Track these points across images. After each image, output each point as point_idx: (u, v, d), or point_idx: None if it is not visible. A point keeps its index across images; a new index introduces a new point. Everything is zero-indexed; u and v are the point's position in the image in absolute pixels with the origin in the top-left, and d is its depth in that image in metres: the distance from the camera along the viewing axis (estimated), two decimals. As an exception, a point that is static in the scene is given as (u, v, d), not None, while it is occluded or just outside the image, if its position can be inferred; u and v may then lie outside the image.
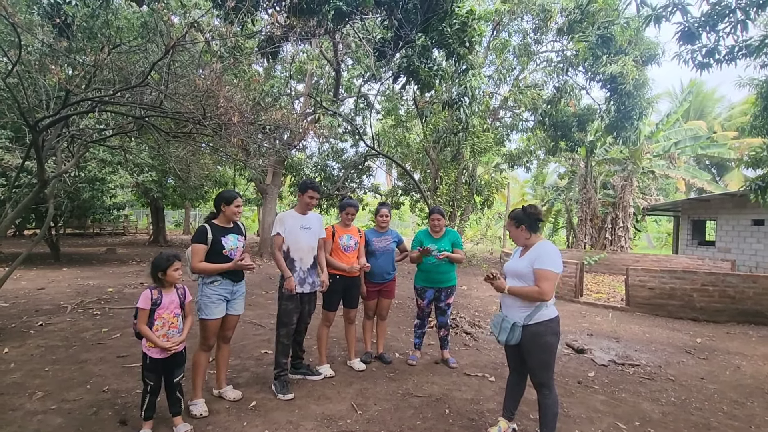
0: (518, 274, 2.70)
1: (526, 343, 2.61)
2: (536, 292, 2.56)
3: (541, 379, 2.65)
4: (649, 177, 17.39)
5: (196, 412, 3.01)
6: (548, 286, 2.55)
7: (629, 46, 10.38)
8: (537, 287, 2.57)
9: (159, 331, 2.70)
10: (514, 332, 2.62)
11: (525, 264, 2.66)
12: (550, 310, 2.63)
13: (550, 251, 2.63)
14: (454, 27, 5.89)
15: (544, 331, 2.59)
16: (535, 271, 2.59)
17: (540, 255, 2.62)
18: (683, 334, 6.08)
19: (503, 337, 2.66)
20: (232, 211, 3.14)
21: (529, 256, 2.68)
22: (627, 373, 4.36)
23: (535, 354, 2.62)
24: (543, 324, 2.60)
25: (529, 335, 2.60)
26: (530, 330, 2.59)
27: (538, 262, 2.59)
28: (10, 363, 3.89)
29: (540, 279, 2.56)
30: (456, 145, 10.83)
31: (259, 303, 6.91)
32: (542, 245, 2.68)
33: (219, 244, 3.07)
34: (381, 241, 4.17)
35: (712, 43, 5.51)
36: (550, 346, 2.61)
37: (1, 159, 7.64)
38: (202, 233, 3.06)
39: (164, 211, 19.66)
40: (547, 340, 2.60)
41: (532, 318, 2.60)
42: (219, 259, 3.07)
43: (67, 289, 7.59)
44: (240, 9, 5.02)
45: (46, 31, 5.00)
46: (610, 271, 12.88)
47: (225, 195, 3.17)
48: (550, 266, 2.57)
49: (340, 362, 4.20)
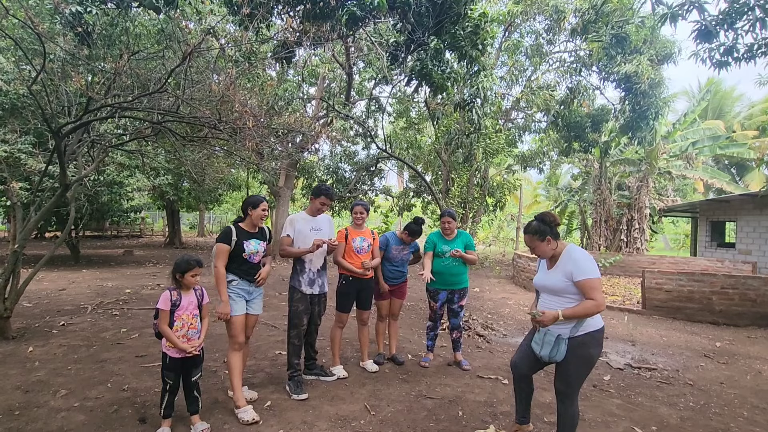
0: (554, 290, 2.49)
1: (568, 354, 2.40)
2: (594, 306, 2.33)
3: (569, 391, 2.47)
4: (665, 178, 17.07)
5: (246, 418, 2.97)
6: (600, 295, 2.36)
7: (644, 45, 10.23)
8: (592, 300, 2.34)
9: (179, 332, 2.76)
10: (560, 346, 2.40)
11: (560, 278, 2.45)
12: (597, 320, 2.44)
13: (584, 258, 2.43)
14: (466, 30, 5.90)
15: (590, 343, 2.41)
16: (580, 284, 2.37)
17: (577, 265, 2.40)
18: (702, 337, 5.96)
19: (546, 352, 2.44)
20: (258, 214, 3.22)
21: (561, 268, 2.46)
22: (643, 376, 4.29)
23: (575, 366, 2.42)
24: (590, 335, 2.40)
25: (574, 346, 2.39)
26: (576, 341, 2.39)
27: (578, 274, 2.38)
28: (34, 361, 4.01)
29: (590, 290, 2.35)
30: (468, 147, 10.81)
31: (273, 305, 6.99)
32: (573, 252, 2.47)
33: (240, 247, 3.16)
34: (401, 251, 4.23)
35: (730, 41, 5.40)
36: (591, 358, 2.43)
37: (25, 164, 7.89)
38: (227, 234, 3.15)
39: (179, 213, 20.01)
40: (591, 352, 2.42)
41: (579, 329, 2.39)
42: (239, 261, 3.17)
43: (87, 290, 7.78)
44: (255, 15, 5.11)
45: (68, 39, 5.17)
46: (625, 274, 12.68)
47: (251, 200, 3.26)
48: (593, 273, 2.37)
49: (353, 363, 4.23)
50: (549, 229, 2.52)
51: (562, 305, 2.43)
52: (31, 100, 6.55)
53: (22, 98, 8.13)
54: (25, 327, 5.14)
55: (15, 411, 3.03)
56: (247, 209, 3.25)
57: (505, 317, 6.84)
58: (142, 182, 11.77)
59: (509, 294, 9.18)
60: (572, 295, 2.42)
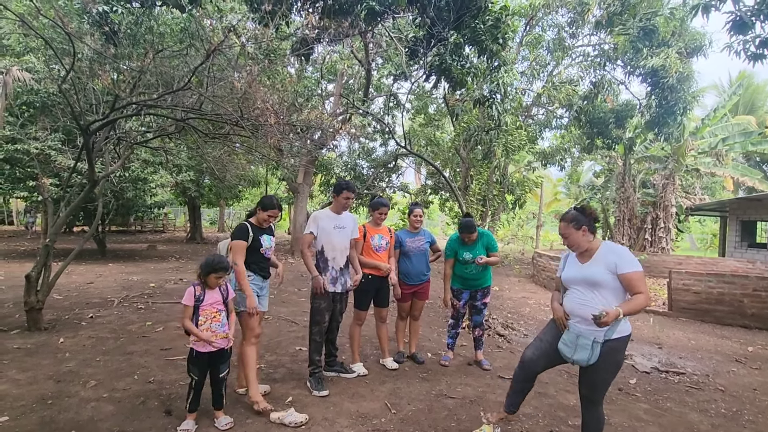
0: (593, 283, 2.37)
1: (599, 359, 2.32)
2: (645, 299, 2.27)
3: (594, 396, 2.43)
4: (693, 175, 16.51)
5: (297, 420, 2.93)
6: (647, 288, 2.32)
7: (673, 38, 9.90)
8: (641, 293, 2.27)
9: (202, 326, 2.80)
10: (595, 350, 2.30)
11: (601, 270, 2.36)
12: (628, 325, 2.37)
13: (626, 251, 2.39)
14: (487, 24, 5.79)
15: (621, 348, 2.36)
16: (627, 276, 2.30)
17: (621, 257, 2.34)
18: (733, 341, 5.74)
19: (582, 356, 2.32)
20: (263, 217, 3.26)
21: (603, 260, 2.38)
22: (671, 381, 4.16)
23: (604, 371, 2.36)
24: (621, 340, 2.35)
25: (607, 351, 2.31)
26: (610, 345, 2.31)
27: (623, 266, 2.32)
28: (65, 352, 4.15)
29: (637, 283, 2.28)
30: (488, 144, 10.66)
31: (292, 300, 7.05)
32: (613, 246, 2.44)
33: (258, 242, 3.21)
34: (414, 241, 4.16)
35: (766, 33, 5.17)
36: (619, 363, 2.40)
37: (55, 160, 8.15)
38: (244, 231, 3.17)
39: (200, 209, 20.40)
40: (619, 357, 2.38)
41: (614, 332, 2.29)
42: (256, 256, 3.21)
43: (113, 283, 8.01)
44: (275, 12, 5.13)
45: (95, 38, 5.29)
46: (650, 274, 12.33)
47: (264, 201, 3.29)
48: (638, 266, 2.32)
49: (373, 361, 4.23)
50: (586, 219, 2.45)
51: (594, 301, 2.34)
52: (60, 99, 6.74)
53: (52, 96, 8.38)
54: (56, 319, 5.32)
55: (48, 400, 3.13)
56: (257, 207, 3.31)
57: (525, 317, 6.74)
58: (165, 179, 12.04)
59: (529, 293, 9.04)
60: (613, 290, 2.34)
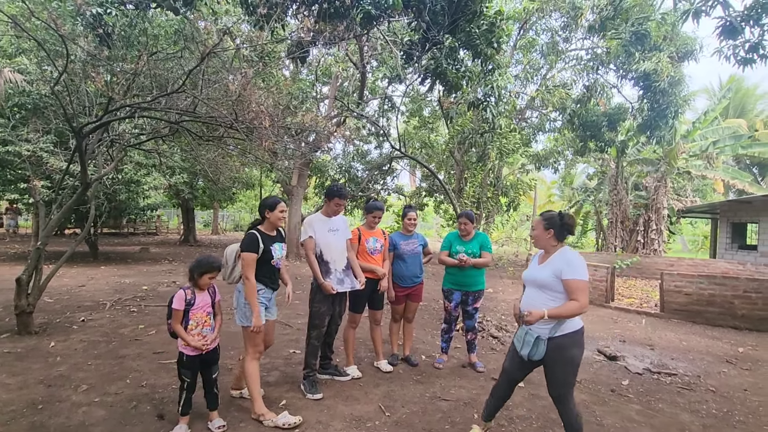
0: (541, 284, 2.53)
1: (549, 357, 2.47)
2: (578, 307, 2.39)
3: (560, 393, 2.52)
4: (684, 178, 16.70)
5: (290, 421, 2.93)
6: (586, 298, 2.41)
7: (664, 42, 10.00)
8: (576, 301, 2.40)
9: (193, 330, 2.79)
10: (538, 346, 2.46)
11: (548, 273, 2.51)
12: (575, 321, 2.49)
13: (577, 259, 2.48)
14: (481, 28, 5.83)
15: (570, 344, 2.46)
16: (568, 283, 2.43)
17: (569, 264, 2.46)
18: (723, 342, 5.80)
19: (526, 351, 2.51)
20: (277, 216, 3.07)
21: (552, 264, 2.52)
22: (663, 382, 4.20)
23: (559, 368, 2.48)
24: (569, 336, 2.45)
25: (553, 348, 2.45)
26: (555, 342, 2.45)
27: (568, 272, 2.43)
28: (56, 356, 4.10)
29: (576, 291, 2.40)
30: (482, 146, 10.72)
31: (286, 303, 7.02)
32: (567, 253, 2.54)
33: (269, 253, 3.03)
34: (408, 244, 4.18)
35: (755, 38, 5.25)
36: (574, 359, 2.47)
37: (47, 162, 8.07)
38: (254, 241, 2.97)
39: (194, 211, 20.29)
40: (573, 353, 2.46)
41: (558, 330, 2.44)
42: (267, 268, 3.07)
43: (106, 286, 7.94)
44: (270, 15, 5.13)
45: (88, 40, 5.26)
46: (642, 275, 12.43)
47: (268, 201, 3.11)
48: (582, 275, 2.43)
49: (367, 363, 4.23)
50: (559, 226, 2.57)
51: (544, 302, 2.49)
52: (53, 100, 6.68)
53: (45, 98, 8.31)
54: (46, 322, 5.27)
55: (38, 405, 3.10)
56: (264, 212, 3.09)
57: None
58: (159, 181, 11.95)
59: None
60: (556, 293, 2.48)
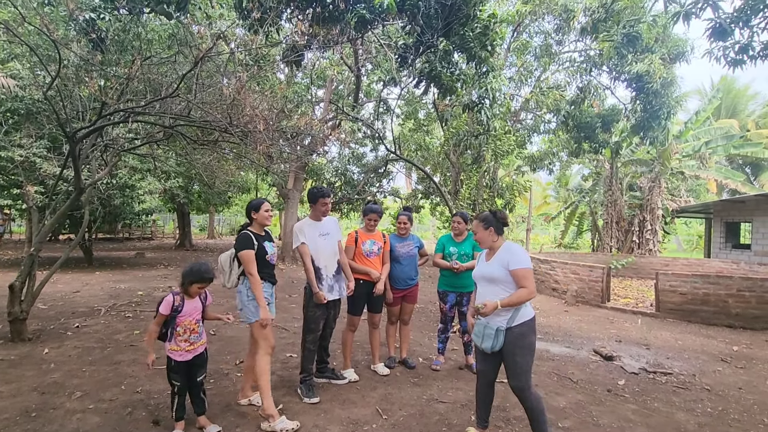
0: (491, 279, 2.69)
1: (509, 345, 2.59)
2: (527, 293, 2.57)
3: (521, 382, 2.61)
4: (678, 178, 16.84)
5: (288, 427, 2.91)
6: (532, 284, 2.60)
7: (656, 44, 10.10)
8: (524, 288, 2.58)
9: (180, 337, 2.78)
10: (498, 338, 2.59)
11: (496, 267, 2.68)
12: (528, 310, 2.65)
13: (519, 250, 2.70)
14: (475, 31, 5.87)
15: (527, 331, 2.61)
16: (515, 272, 2.60)
17: (513, 255, 2.65)
18: (718, 341, 5.84)
19: (488, 344, 2.62)
20: (263, 216, 3.18)
21: (499, 258, 2.70)
22: (659, 381, 4.22)
23: (519, 356, 2.60)
24: (525, 324, 2.61)
25: (512, 337, 2.59)
26: (514, 332, 2.59)
27: (513, 263, 2.62)
28: (50, 363, 4.07)
29: (522, 278, 2.59)
30: (477, 148, 10.76)
31: (283, 306, 7.00)
32: (510, 246, 2.74)
33: (263, 249, 3.13)
34: (404, 246, 4.18)
35: (745, 39, 5.31)
36: (531, 345, 2.63)
37: (40, 168, 8.02)
38: (248, 239, 3.07)
39: (190, 215, 20.21)
40: (530, 339, 2.62)
41: (515, 319, 2.59)
42: (262, 264, 3.13)
43: (100, 292, 7.88)
44: (264, 19, 5.14)
45: (81, 45, 5.25)
46: (637, 276, 12.51)
47: (253, 203, 3.24)
48: (526, 264, 2.62)
49: (364, 366, 4.22)
50: (495, 221, 2.77)
51: (496, 295, 2.64)
52: (46, 105, 6.65)
53: (37, 103, 8.26)
54: (40, 329, 5.22)
55: (32, 413, 3.07)
56: (250, 213, 3.21)
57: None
58: (154, 185, 11.91)
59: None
60: (506, 285, 2.64)
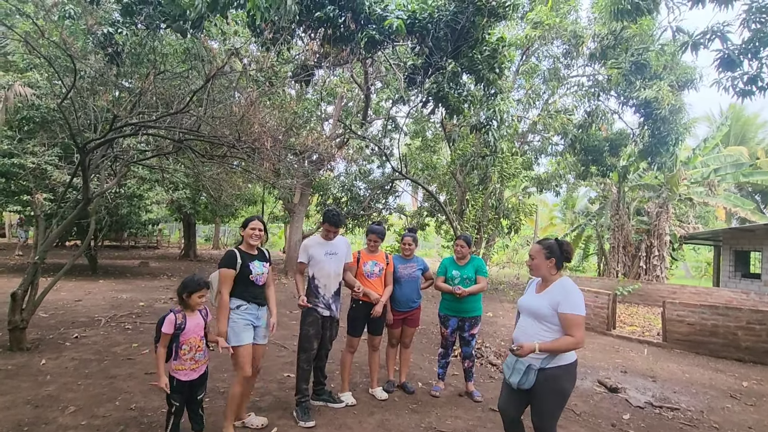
0: (537, 315, 2.46)
1: (539, 387, 2.38)
2: (572, 343, 2.32)
3: (543, 425, 2.42)
4: (686, 204, 16.68)
5: None
6: (581, 334, 2.32)
7: (664, 71, 10.17)
8: (572, 337, 2.32)
9: (186, 356, 2.74)
10: (528, 375, 2.38)
11: (545, 304, 2.44)
12: (570, 354, 2.41)
13: (575, 293, 2.40)
14: (484, 54, 5.94)
15: (562, 376, 2.38)
16: (565, 317, 2.35)
17: (567, 296, 2.38)
18: (727, 375, 5.68)
19: (515, 379, 2.42)
20: (248, 233, 3.12)
21: (551, 294, 2.44)
22: (665, 417, 4.09)
23: (547, 400, 2.39)
24: (562, 368, 2.38)
25: (544, 379, 2.37)
26: (547, 373, 2.37)
27: (565, 306, 2.36)
28: (46, 375, 4.04)
29: (572, 326, 2.33)
30: (483, 169, 10.76)
31: (283, 323, 6.93)
32: (566, 284, 2.45)
33: (247, 268, 3.06)
34: (406, 268, 4.14)
35: (754, 71, 5.31)
36: (564, 392, 2.40)
37: (51, 175, 8.13)
38: (232, 258, 3.04)
39: (195, 226, 20.32)
40: (563, 386, 2.39)
41: (550, 361, 2.37)
42: (246, 284, 3.07)
43: (102, 301, 7.87)
44: (277, 39, 5.24)
45: (98, 58, 5.37)
46: (644, 302, 12.28)
47: (245, 221, 3.20)
48: (580, 310, 2.35)
49: (362, 389, 4.14)
50: (560, 254, 2.52)
51: (538, 332, 2.43)
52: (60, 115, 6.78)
53: (52, 112, 8.43)
54: (39, 338, 5.20)
55: (24, 427, 3.03)
56: (241, 231, 3.20)
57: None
58: (161, 195, 12.01)
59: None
60: (552, 325, 2.40)
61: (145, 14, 5.18)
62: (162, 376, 2.67)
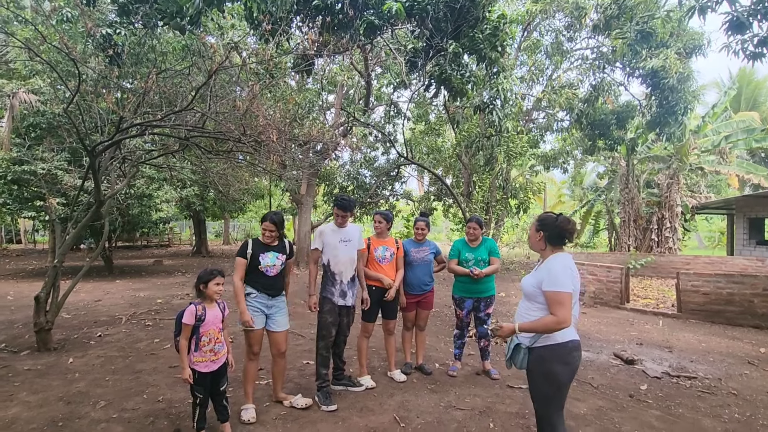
0: (526, 294, 2.36)
1: (531, 367, 2.27)
2: (553, 322, 2.16)
3: (542, 412, 2.28)
4: (697, 174, 16.43)
5: (245, 417, 3.20)
6: (564, 312, 2.15)
7: (671, 39, 9.90)
8: (552, 315, 2.17)
9: (206, 347, 2.81)
10: (518, 354, 2.28)
11: (532, 282, 2.32)
12: (560, 334, 2.21)
13: (559, 269, 2.23)
14: (485, 32, 5.84)
15: (550, 357, 2.21)
16: (547, 294, 2.22)
17: (550, 274, 2.23)
18: (744, 343, 5.67)
19: (507, 355, 2.36)
20: (261, 231, 3.36)
21: (539, 272, 2.31)
22: (683, 386, 4.12)
23: (535, 382, 2.27)
24: (549, 348, 2.21)
25: (534, 359, 2.25)
26: (535, 353, 2.25)
27: (547, 283, 2.22)
28: (75, 372, 4.17)
29: (553, 304, 2.18)
30: (489, 150, 10.69)
31: (299, 313, 7.05)
32: (551, 262, 2.29)
33: (256, 259, 3.26)
34: (419, 252, 4.18)
35: (764, 32, 5.17)
36: (552, 375, 2.20)
37: (62, 180, 8.25)
38: (243, 248, 3.29)
39: (205, 222, 20.53)
40: (550, 368, 2.20)
41: (538, 339, 2.24)
42: (256, 273, 3.27)
43: (121, 300, 8.05)
44: (275, 30, 5.20)
45: (99, 60, 5.40)
46: (657, 275, 12.23)
47: (265, 215, 3.39)
48: (560, 287, 2.18)
49: (381, 373, 4.22)
50: (552, 229, 2.33)
51: (529, 311, 2.31)
52: (66, 119, 6.85)
53: (58, 117, 8.52)
54: (64, 338, 5.36)
55: (59, 422, 3.15)
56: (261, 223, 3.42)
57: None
58: (170, 194, 12.13)
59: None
60: (540, 304, 2.28)
61: (141, 13, 5.17)
62: (186, 368, 2.75)
